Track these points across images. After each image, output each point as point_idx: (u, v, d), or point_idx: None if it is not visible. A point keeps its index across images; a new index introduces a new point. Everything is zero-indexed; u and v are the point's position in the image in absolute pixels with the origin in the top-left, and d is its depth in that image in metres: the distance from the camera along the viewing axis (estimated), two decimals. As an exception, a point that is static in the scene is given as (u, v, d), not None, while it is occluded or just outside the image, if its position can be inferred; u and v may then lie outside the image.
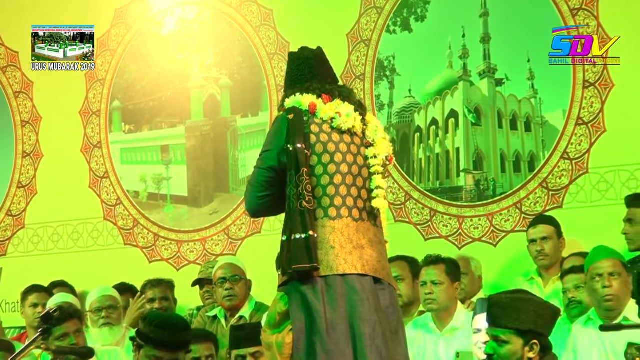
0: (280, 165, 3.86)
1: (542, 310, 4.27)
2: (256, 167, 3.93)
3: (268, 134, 3.99)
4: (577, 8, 6.54)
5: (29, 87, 8.22)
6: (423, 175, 7.00)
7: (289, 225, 3.77)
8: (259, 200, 3.90)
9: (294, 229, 3.75)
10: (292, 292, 3.76)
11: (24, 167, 8.20)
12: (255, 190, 3.90)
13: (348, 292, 3.75)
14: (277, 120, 3.95)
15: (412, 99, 7.10)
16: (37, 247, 8.09)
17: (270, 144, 3.91)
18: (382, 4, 7.12)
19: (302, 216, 3.75)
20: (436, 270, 5.57)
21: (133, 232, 7.83)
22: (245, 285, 6.16)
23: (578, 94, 6.52)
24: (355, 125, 3.95)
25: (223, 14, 7.71)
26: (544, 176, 6.60)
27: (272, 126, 3.98)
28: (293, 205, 3.77)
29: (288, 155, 3.82)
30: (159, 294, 6.60)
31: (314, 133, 3.88)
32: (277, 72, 7.43)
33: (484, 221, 6.74)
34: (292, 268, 3.72)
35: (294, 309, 3.73)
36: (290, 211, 3.77)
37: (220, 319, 6.19)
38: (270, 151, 3.90)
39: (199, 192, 7.71)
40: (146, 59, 7.97)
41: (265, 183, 3.88)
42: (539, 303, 4.32)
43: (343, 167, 3.87)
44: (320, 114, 3.91)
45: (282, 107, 4.01)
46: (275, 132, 3.92)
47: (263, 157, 3.91)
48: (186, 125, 7.82)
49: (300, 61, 4.08)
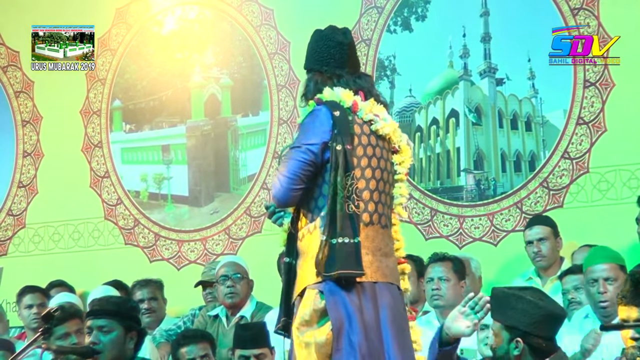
0: (321, 162, 3.75)
1: (533, 310, 4.22)
2: (294, 158, 3.75)
3: (306, 124, 3.81)
4: (578, 8, 6.54)
5: (30, 86, 8.22)
6: (424, 175, 7.00)
7: (333, 227, 3.66)
8: (293, 193, 3.76)
9: (342, 233, 3.66)
10: (329, 292, 3.68)
11: (24, 166, 8.20)
12: (291, 182, 3.74)
13: (380, 299, 3.74)
14: (319, 113, 3.79)
15: (413, 98, 7.10)
16: (38, 247, 8.09)
17: (313, 137, 3.76)
18: (383, 4, 7.12)
19: (351, 220, 3.68)
20: (443, 267, 5.60)
21: (134, 232, 7.84)
22: (247, 284, 6.17)
23: (579, 93, 6.52)
24: (389, 132, 3.87)
25: (224, 14, 7.71)
26: (544, 176, 6.60)
27: (312, 117, 3.80)
28: (341, 207, 3.67)
29: (335, 154, 3.71)
30: (147, 294, 6.61)
31: (357, 134, 3.78)
32: (278, 71, 7.44)
33: (485, 221, 6.74)
34: (337, 272, 3.64)
35: (332, 308, 3.65)
36: (335, 213, 3.67)
37: (221, 318, 6.19)
38: (314, 145, 3.75)
39: (200, 192, 7.71)
40: (147, 59, 7.97)
41: (303, 176, 3.74)
42: (531, 302, 4.25)
43: (377, 172, 3.81)
44: (362, 114, 3.82)
45: (315, 97, 3.83)
46: (318, 125, 3.77)
47: (305, 149, 3.74)
48: (187, 125, 7.82)
49: (333, 44, 3.91)
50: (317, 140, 3.75)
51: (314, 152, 3.74)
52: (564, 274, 5.47)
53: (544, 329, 4.22)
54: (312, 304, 3.69)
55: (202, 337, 5.44)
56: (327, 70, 3.89)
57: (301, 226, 3.81)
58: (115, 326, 4.55)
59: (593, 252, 5.21)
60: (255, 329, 5.24)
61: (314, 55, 3.94)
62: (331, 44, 3.92)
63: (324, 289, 3.68)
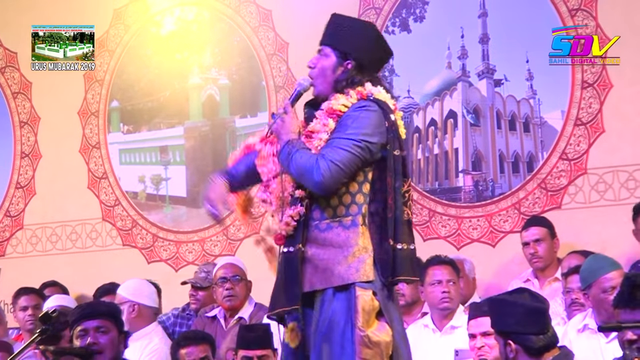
0: (370, 161, 3.75)
1: (514, 309, 4.24)
2: (351, 150, 3.69)
3: (361, 118, 3.73)
4: (576, 8, 6.54)
5: (28, 87, 8.22)
6: (422, 176, 7.00)
7: (390, 231, 3.69)
8: (339, 185, 3.73)
9: (401, 238, 3.70)
10: (380, 292, 3.73)
11: (22, 167, 8.20)
12: (343, 174, 3.68)
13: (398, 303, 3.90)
14: (377, 112, 3.76)
15: (411, 99, 7.10)
16: (36, 248, 8.08)
17: (373, 135, 3.72)
18: (381, 5, 7.12)
19: (409, 226, 3.73)
20: (448, 270, 5.61)
21: (132, 233, 7.83)
22: (246, 286, 6.16)
23: (577, 94, 6.53)
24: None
25: (222, 15, 7.71)
26: (542, 177, 6.60)
27: (368, 113, 3.74)
28: (400, 213, 3.70)
29: (393, 159, 3.72)
30: None
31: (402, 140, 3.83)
32: (276, 72, 7.44)
33: (483, 222, 6.74)
34: (401, 277, 3.72)
35: (386, 310, 3.72)
36: (394, 218, 3.69)
37: (219, 319, 6.18)
38: (373, 144, 3.72)
39: (198, 193, 7.70)
40: (145, 60, 7.96)
41: (353, 170, 3.72)
42: (511, 302, 4.29)
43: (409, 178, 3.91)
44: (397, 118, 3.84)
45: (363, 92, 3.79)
46: (377, 125, 3.73)
47: (364, 145, 3.70)
48: (185, 126, 7.81)
49: (381, 43, 3.95)
50: (377, 140, 3.73)
51: (372, 150, 3.73)
52: (569, 272, 5.39)
53: (530, 324, 4.24)
54: (370, 303, 3.69)
55: (203, 339, 5.44)
56: (370, 70, 3.88)
57: (327, 216, 3.78)
58: (111, 326, 4.55)
59: (596, 261, 5.09)
60: (260, 330, 5.25)
61: (363, 46, 3.88)
62: (380, 41, 3.94)
63: (376, 289, 3.71)
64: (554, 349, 4.26)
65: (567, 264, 5.70)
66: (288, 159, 3.77)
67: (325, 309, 3.73)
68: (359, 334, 3.66)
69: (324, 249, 3.76)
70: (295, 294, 3.76)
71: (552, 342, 4.28)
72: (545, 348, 4.23)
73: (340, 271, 3.72)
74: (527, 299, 4.30)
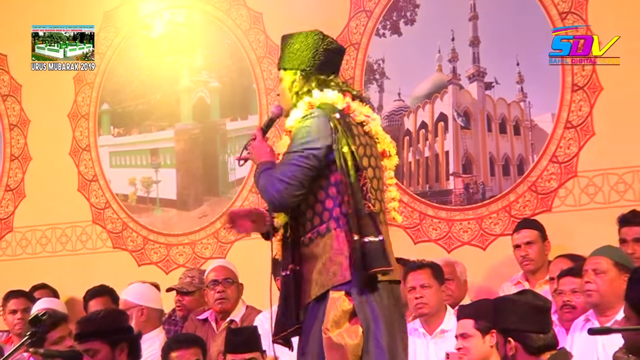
0: (323, 165, 3.76)
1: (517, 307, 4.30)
2: (295, 162, 3.75)
3: (304, 127, 3.81)
4: (566, 12, 6.55)
5: (17, 90, 8.20)
6: (412, 179, 7.00)
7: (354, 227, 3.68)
8: (295, 199, 3.75)
9: (366, 231, 3.68)
10: (356, 292, 3.69)
11: (12, 170, 8.17)
12: (293, 189, 3.72)
13: (396, 299, 3.82)
14: (319, 117, 3.80)
15: (402, 102, 7.10)
16: (26, 251, 8.06)
17: (315, 142, 3.76)
18: (372, 8, 7.13)
19: (372, 219, 3.70)
20: (423, 274, 5.60)
21: (122, 236, 7.81)
22: (237, 289, 6.15)
23: (567, 97, 6.54)
24: (377, 132, 3.93)
25: (212, 17, 7.70)
26: (533, 180, 6.61)
27: (310, 121, 3.80)
28: (361, 206, 3.69)
29: (342, 157, 3.72)
30: None
31: (356, 135, 3.82)
32: (267, 75, 7.43)
33: (474, 225, 6.75)
34: (373, 270, 3.67)
35: (360, 309, 3.68)
36: (355, 213, 3.68)
37: (210, 322, 6.17)
38: (318, 149, 3.75)
39: (188, 196, 7.70)
40: (135, 62, 7.95)
41: (305, 182, 3.74)
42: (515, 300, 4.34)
43: (377, 171, 3.87)
44: (356, 116, 3.87)
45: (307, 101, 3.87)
46: (320, 129, 3.77)
47: (307, 154, 3.75)
48: (175, 129, 7.80)
49: (336, 50, 4.02)
50: (321, 144, 3.77)
51: (318, 156, 3.76)
52: (562, 274, 5.38)
53: (531, 322, 4.26)
54: (340, 305, 3.68)
55: (194, 342, 5.42)
56: (323, 76, 3.95)
57: (307, 230, 3.81)
58: (100, 346, 4.52)
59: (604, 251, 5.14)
60: (247, 333, 5.24)
61: (314, 57, 3.98)
62: (333, 48, 4.01)
63: (350, 290, 3.69)
64: (553, 350, 4.27)
65: (554, 267, 5.71)
66: (256, 182, 3.88)
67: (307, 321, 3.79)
68: (323, 336, 3.68)
69: (310, 263, 3.80)
70: (293, 316, 3.82)
71: (552, 343, 4.30)
72: (544, 347, 4.26)
73: (320, 280, 3.75)
74: (529, 297, 4.34)
